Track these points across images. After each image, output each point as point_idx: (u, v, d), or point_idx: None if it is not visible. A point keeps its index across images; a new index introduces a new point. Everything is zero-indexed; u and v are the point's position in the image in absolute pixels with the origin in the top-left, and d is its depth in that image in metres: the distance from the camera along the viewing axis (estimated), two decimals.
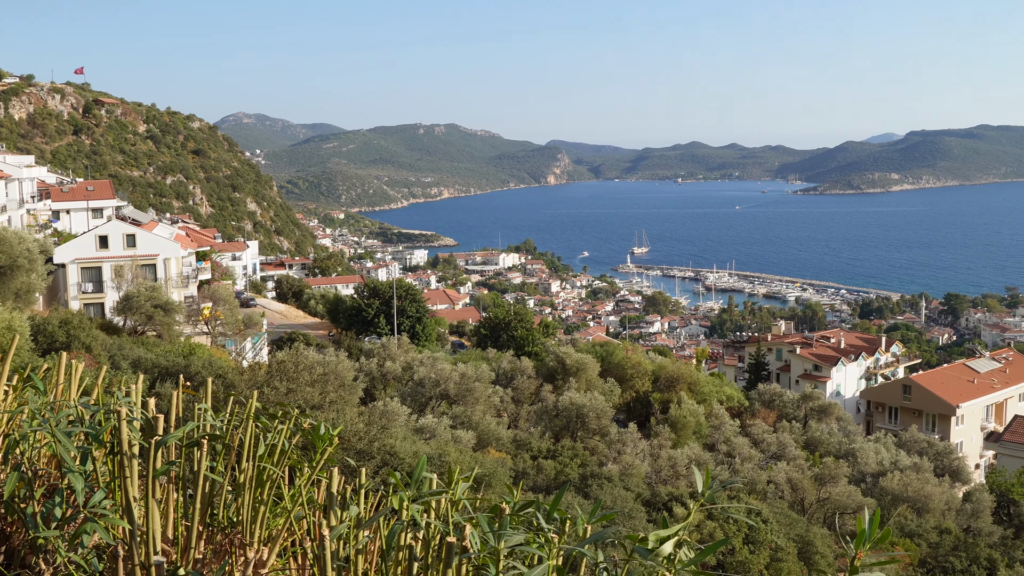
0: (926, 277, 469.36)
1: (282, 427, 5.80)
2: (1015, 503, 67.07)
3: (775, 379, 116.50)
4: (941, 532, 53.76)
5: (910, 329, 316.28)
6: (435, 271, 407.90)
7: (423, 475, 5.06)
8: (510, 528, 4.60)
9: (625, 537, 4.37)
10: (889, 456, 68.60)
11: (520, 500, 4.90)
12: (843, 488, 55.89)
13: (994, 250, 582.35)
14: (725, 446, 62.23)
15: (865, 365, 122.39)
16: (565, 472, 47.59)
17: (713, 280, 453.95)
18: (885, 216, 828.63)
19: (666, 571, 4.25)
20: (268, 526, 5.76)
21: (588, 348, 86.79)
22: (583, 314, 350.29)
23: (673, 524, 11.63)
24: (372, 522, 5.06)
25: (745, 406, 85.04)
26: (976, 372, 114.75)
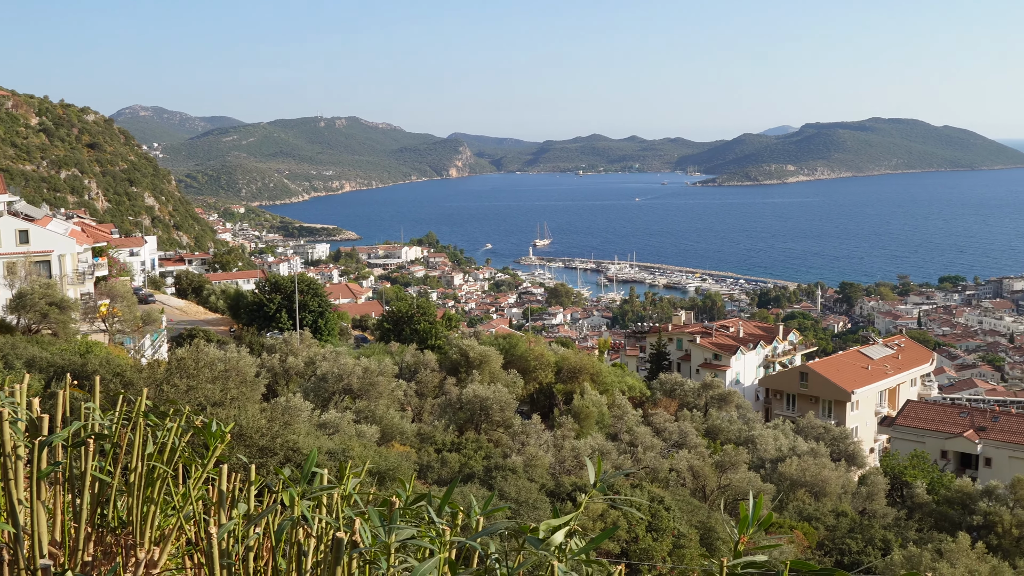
0: (821, 267, 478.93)
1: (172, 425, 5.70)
2: (908, 485, 68.81)
3: (676, 368, 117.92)
4: (838, 515, 54.94)
5: (807, 317, 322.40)
6: (337, 265, 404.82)
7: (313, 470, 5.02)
8: (402, 522, 4.58)
9: (517, 528, 4.39)
10: (787, 442, 69.89)
11: (412, 494, 4.89)
12: (743, 474, 56.79)
13: (886, 240, 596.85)
14: (628, 435, 62.81)
15: (763, 353, 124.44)
16: (469, 465, 47.61)
17: (615, 271, 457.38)
18: (782, 207, 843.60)
19: (556, 560, 4.27)
20: (160, 526, 5.66)
21: (491, 340, 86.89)
22: (486, 307, 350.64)
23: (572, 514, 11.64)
24: (260, 519, 5.00)
25: (647, 396, 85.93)
26: (870, 359, 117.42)
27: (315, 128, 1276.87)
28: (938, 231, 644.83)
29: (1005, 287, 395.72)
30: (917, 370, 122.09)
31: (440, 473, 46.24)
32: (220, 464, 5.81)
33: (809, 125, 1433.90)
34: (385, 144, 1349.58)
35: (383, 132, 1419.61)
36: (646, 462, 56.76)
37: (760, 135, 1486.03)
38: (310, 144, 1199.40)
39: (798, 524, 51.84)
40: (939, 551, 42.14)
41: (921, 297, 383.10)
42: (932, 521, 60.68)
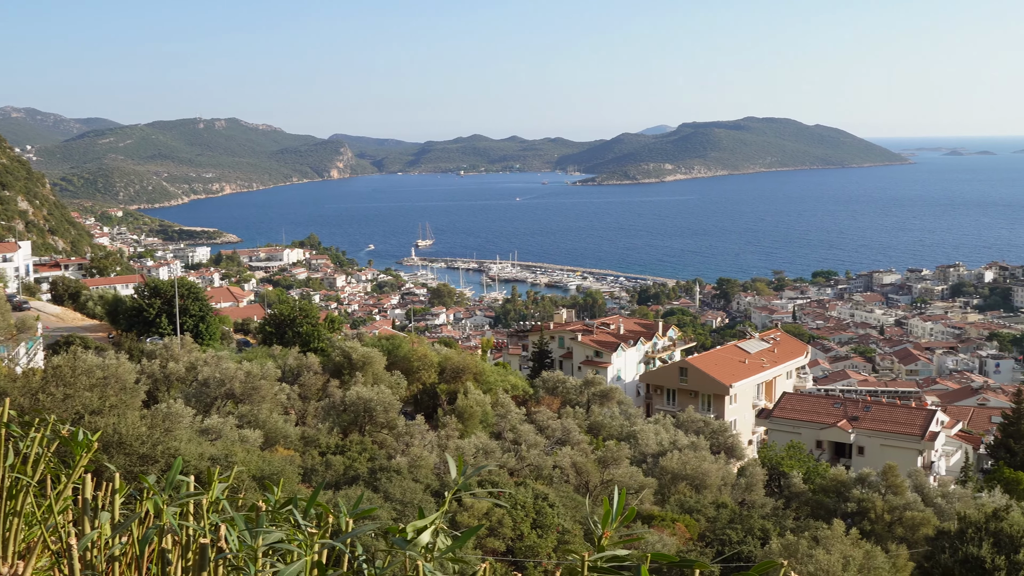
0: (699, 263, 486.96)
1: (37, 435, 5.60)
2: (785, 475, 70.46)
3: (558, 366, 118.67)
4: (718, 506, 55.95)
5: (685, 313, 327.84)
6: (218, 268, 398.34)
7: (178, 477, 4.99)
8: (269, 526, 4.59)
9: (386, 528, 4.43)
10: (668, 436, 70.89)
11: (281, 497, 4.90)
12: (626, 469, 57.49)
13: (761, 236, 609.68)
14: (511, 434, 63.08)
15: (644, 350, 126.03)
16: (354, 467, 47.34)
17: (497, 271, 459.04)
18: (660, 205, 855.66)
19: (423, 560, 4.32)
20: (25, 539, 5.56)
21: (374, 342, 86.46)
22: (369, 308, 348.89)
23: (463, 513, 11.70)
24: (123, 528, 4.96)
25: (530, 394, 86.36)
26: (747, 353, 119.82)
27: (194, 130, 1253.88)
28: (810, 227, 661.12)
29: (875, 281, 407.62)
30: (792, 363, 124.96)
31: (324, 476, 45.90)
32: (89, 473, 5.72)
33: (686, 124, 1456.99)
34: (266, 145, 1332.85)
35: (263, 133, 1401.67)
36: (530, 460, 57.06)
37: (638, 134, 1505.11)
38: (189, 146, 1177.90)
39: (680, 517, 52.65)
40: (815, 538, 43.18)
41: (795, 292, 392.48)
42: (808, 509, 62.19)
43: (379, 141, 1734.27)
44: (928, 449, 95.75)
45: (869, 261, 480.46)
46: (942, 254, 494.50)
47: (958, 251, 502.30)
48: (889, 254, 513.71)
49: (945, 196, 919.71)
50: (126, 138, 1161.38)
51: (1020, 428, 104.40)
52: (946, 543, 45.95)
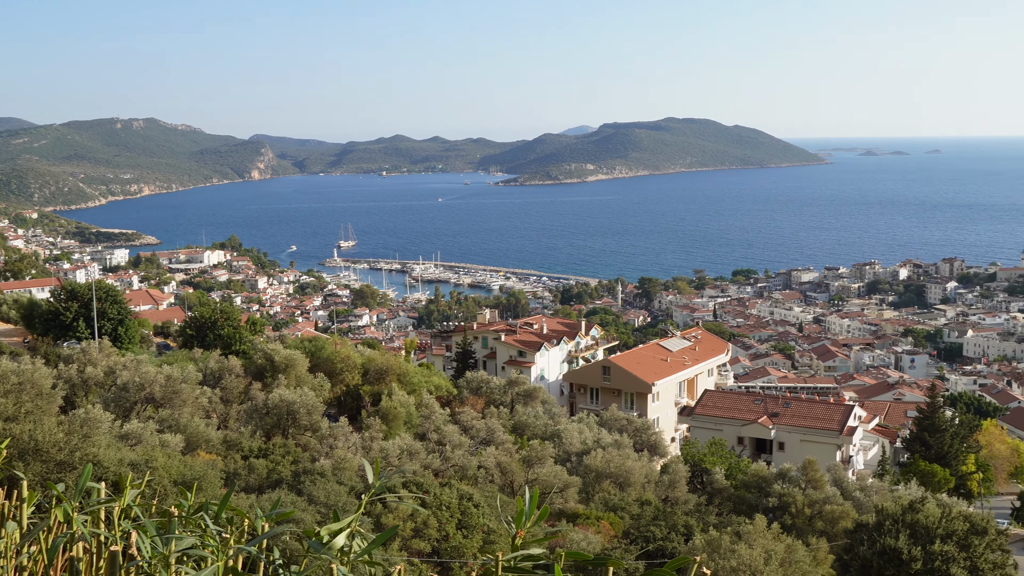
0: (621, 263, 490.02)
1: None
2: (707, 472, 71.13)
3: (482, 366, 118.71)
4: (642, 504, 56.34)
5: (608, 312, 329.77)
6: (137, 271, 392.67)
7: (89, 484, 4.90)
8: (182, 532, 4.53)
9: (303, 532, 4.39)
10: (592, 435, 71.22)
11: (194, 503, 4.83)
12: (550, 468, 57.65)
13: (681, 236, 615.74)
14: (436, 434, 62.93)
15: (567, 349, 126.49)
16: (277, 470, 46.91)
17: (420, 271, 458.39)
18: (582, 205, 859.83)
19: (339, 563, 4.29)
20: None
21: (297, 344, 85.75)
22: (291, 310, 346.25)
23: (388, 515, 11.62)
24: (31, 537, 4.85)
25: (454, 394, 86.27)
26: (669, 351, 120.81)
27: (111, 130, 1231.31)
28: (730, 226, 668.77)
29: (794, 279, 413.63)
30: (714, 361, 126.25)
31: (248, 480, 45.41)
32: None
33: (607, 125, 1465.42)
34: (185, 146, 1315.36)
35: (183, 134, 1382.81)
36: (454, 460, 56.99)
37: (560, 135, 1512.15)
38: (106, 146, 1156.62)
39: (604, 514, 52.92)
40: (738, 533, 43.62)
41: (716, 290, 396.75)
42: (731, 505, 62.91)
43: (300, 141, 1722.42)
44: (846, 444, 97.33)
45: (788, 260, 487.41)
46: (858, 252, 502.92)
47: (873, 249, 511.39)
48: (807, 252, 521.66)
49: (860, 195, 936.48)
50: (40, 138, 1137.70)
51: (934, 422, 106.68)
52: (864, 535, 46.76)
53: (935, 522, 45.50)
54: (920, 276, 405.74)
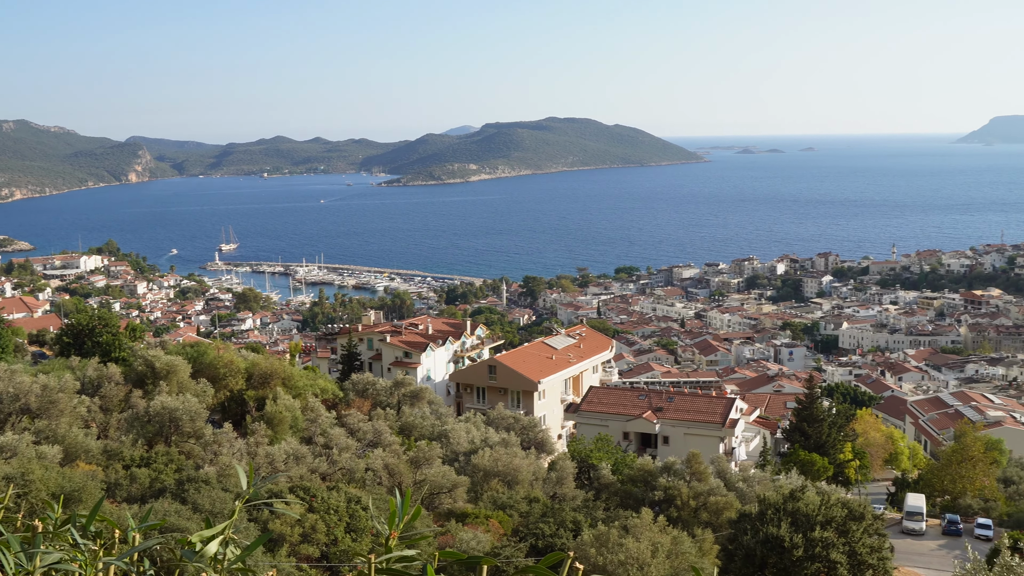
0: (505, 262, 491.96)
1: None
2: (594, 467, 71.75)
3: (368, 368, 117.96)
4: (530, 501, 56.56)
5: (493, 312, 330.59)
6: (10, 278, 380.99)
7: None
8: (50, 546, 4.37)
9: (177, 541, 4.27)
10: (479, 434, 71.32)
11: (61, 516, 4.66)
12: (438, 469, 57.56)
13: (564, 234, 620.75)
14: (322, 438, 62.36)
15: (453, 349, 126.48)
16: (161, 479, 45.98)
17: (303, 274, 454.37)
18: (465, 205, 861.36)
19: (212, 571, 4.19)
20: None
21: (178, 349, 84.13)
22: (172, 315, 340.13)
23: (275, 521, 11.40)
24: None
25: (340, 397, 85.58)
26: (554, 349, 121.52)
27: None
28: (612, 224, 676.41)
29: (675, 275, 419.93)
30: (598, 357, 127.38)
31: (130, 490, 44.44)
32: None
33: (489, 125, 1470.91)
34: (59, 149, 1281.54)
35: (56, 136, 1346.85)
36: (342, 463, 56.55)
37: (443, 135, 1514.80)
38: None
39: (493, 513, 53.03)
40: (625, 527, 44.06)
41: (600, 288, 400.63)
42: (618, 500, 63.55)
43: (179, 143, 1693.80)
44: (729, 436, 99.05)
45: (669, 256, 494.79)
46: (737, 248, 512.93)
47: (752, 245, 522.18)
48: (687, 249, 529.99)
49: (738, 193, 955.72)
50: None
51: (813, 412, 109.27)
52: (748, 525, 47.61)
53: (815, 510, 46.53)
54: (797, 271, 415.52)
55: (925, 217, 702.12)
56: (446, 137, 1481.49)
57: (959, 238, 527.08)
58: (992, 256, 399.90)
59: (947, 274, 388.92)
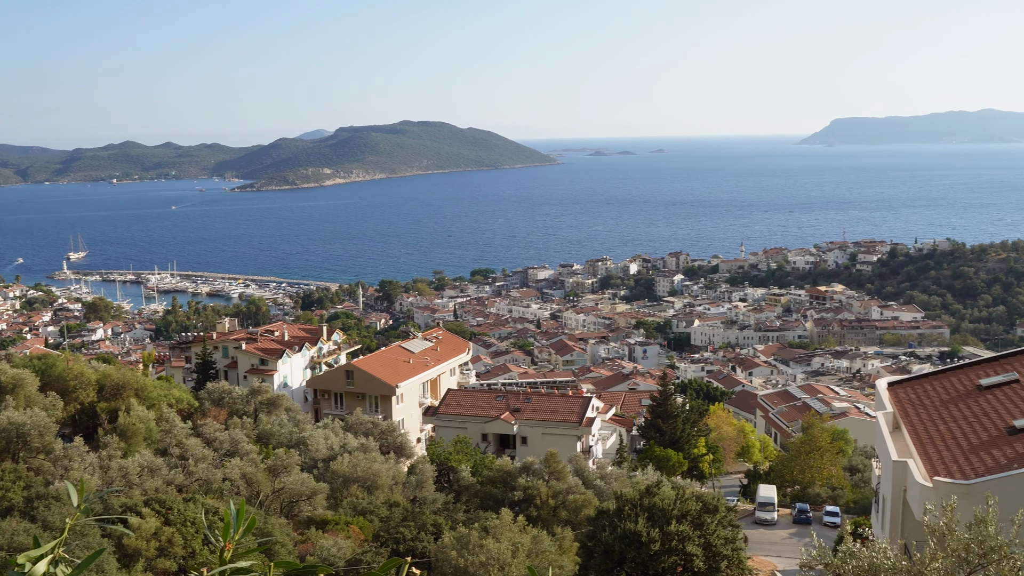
0: (361, 266, 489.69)
1: None
2: (453, 470, 72.17)
3: (224, 376, 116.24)
4: (391, 506, 56.68)
5: (350, 316, 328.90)
6: None
7: None
8: None
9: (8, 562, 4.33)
10: (338, 440, 71.07)
11: None
12: (296, 476, 57.23)
13: (420, 238, 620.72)
14: (178, 449, 61.39)
15: (309, 355, 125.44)
16: (8, 497, 44.78)
17: (155, 282, 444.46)
18: (320, 210, 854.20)
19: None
20: None
21: (25, 362, 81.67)
22: (19, 326, 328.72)
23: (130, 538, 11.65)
24: None
25: (195, 407, 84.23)
26: (411, 353, 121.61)
27: None
28: (467, 227, 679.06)
29: (530, 277, 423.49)
30: (455, 360, 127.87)
31: None
32: None
33: (343, 129, 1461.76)
34: None
35: None
36: (198, 474, 55.80)
37: (297, 139, 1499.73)
38: None
39: (354, 519, 53.02)
40: (485, 528, 44.56)
41: (456, 290, 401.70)
42: (478, 501, 64.11)
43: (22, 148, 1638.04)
44: (586, 434, 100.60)
45: (524, 258, 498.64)
46: (591, 249, 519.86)
47: (604, 246, 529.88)
48: (542, 251, 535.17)
49: (591, 194, 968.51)
50: None
51: (667, 409, 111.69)
52: (606, 522, 48.62)
53: (670, 504, 47.78)
54: (649, 270, 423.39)
55: (771, 216, 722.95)
56: (300, 141, 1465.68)
57: (804, 236, 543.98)
58: (835, 253, 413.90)
59: (793, 271, 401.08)
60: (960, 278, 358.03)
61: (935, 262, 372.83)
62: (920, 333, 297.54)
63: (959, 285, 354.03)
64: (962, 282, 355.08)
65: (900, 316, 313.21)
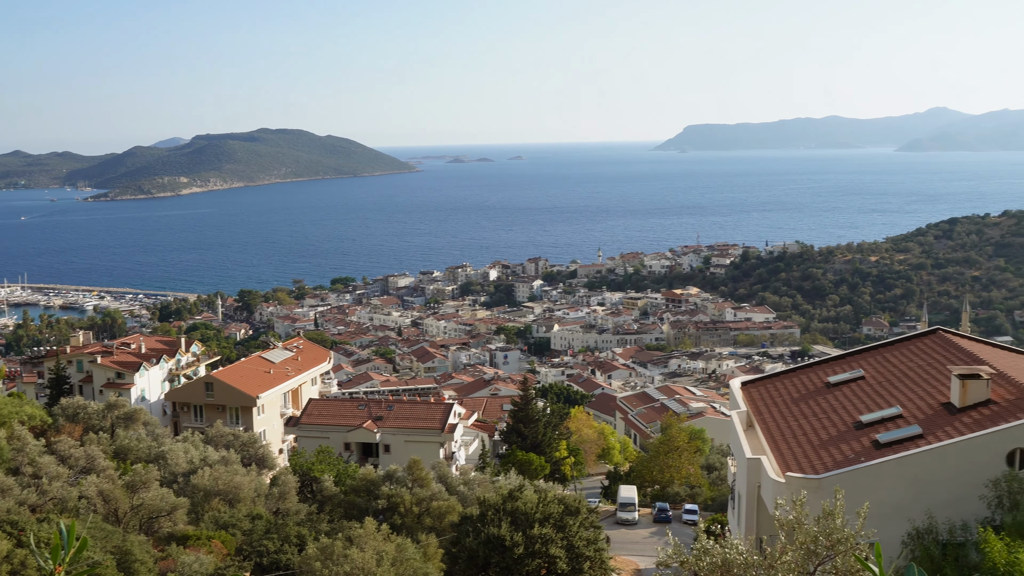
0: (220, 277, 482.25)
1: None
2: (316, 480, 71.87)
3: (79, 391, 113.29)
4: (253, 518, 56.20)
5: (209, 328, 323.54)
6: None
7: None
8: None
9: None
10: (198, 453, 70.14)
11: None
12: (156, 491, 56.34)
13: (278, 247, 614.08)
14: (31, 467, 59.86)
15: (168, 367, 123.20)
16: None
17: (5, 295, 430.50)
18: (177, 219, 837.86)
19: None
20: None
21: None
22: None
23: None
24: None
25: (49, 423, 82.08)
26: (272, 363, 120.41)
27: None
28: (326, 235, 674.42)
29: (390, 284, 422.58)
30: (317, 369, 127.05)
31: None
32: None
33: (200, 137, 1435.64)
34: None
35: None
36: (52, 493, 54.52)
37: (152, 147, 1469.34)
38: None
39: (216, 533, 52.45)
40: (349, 538, 44.61)
41: (316, 299, 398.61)
42: (342, 511, 63.99)
43: None
44: (448, 441, 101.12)
45: (384, 266, 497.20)
46: (450, 256, 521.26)
47: (464, 253, 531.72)
48: (402, 258, 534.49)
49: (450, 201, 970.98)
50: None
51: (528, 413, 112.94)
52: (470, 527, 49.17)
53: (533, 508, 48.58)
54: (509, 276, 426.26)
55: (627, 221, 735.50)
56: (155, 150, 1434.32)
57: (659, 240, 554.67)
58: (689, 257, 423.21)
59: (649, 275, 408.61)
60: (809, 279, 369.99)
61: (785, 264, 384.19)
62: (772, 333, 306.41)
63: (808, 286, 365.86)
64: (811, 283, 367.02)
65: (753, 317, 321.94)
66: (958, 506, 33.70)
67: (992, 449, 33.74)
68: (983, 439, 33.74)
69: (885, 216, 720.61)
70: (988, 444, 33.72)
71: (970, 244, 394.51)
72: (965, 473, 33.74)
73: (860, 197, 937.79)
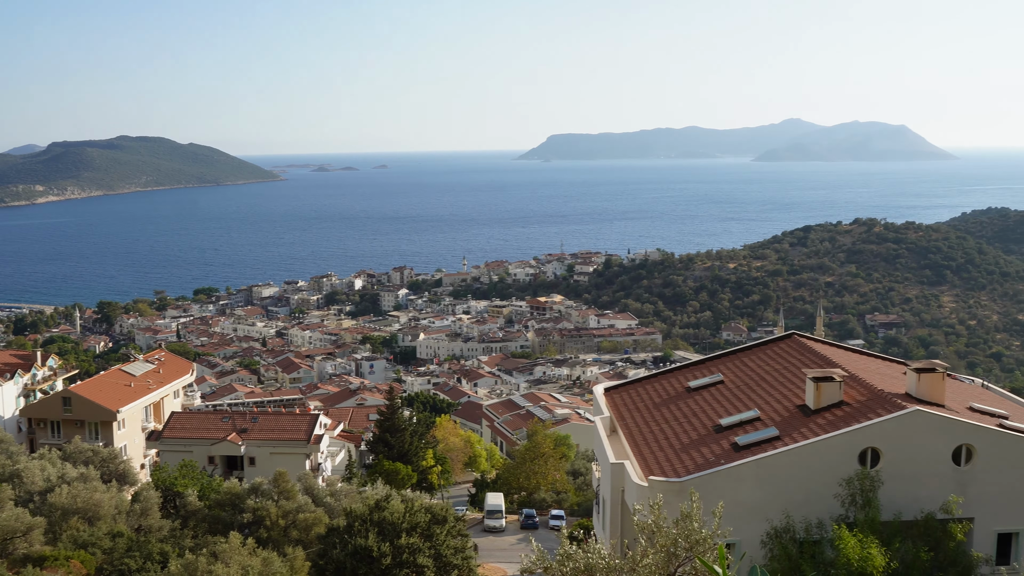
0: (78, 288, 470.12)
1: None
2: (180, 495, 70.71)
3: None
4: (114, 536, 55.10)
5: (67, 340, 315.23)
6: None
7: None
8: None
9: None
10: (56, 471, 68.46)
11: None
12: (10, 511, 54.88)
13: (139, 257, 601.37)
14: None
15: (23, 382, 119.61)
16: None
17: None
18: (32, 229, 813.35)
19: None
20: None
21: None
22: None
23: None
24: None
25: None
26: (133, 376, 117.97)
27: None
28: (188, 245, 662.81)
29: (255, 294, 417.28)
30: (179, 382, 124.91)
31: None
32: None
33: (57, 144, 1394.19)
34: None
35: None
36: None
37: (5, 155, 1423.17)
38: None
39: (75, 553, 51.32)
40: (214, 554, 44.16)
41: (179, 311, 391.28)
42: (206, 526, 63.09)
43: None
44: (315, 452, 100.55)
45: (247, 276, 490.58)
46: (315, 266, 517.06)
47: (329, 262, 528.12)
48: (265, 268, 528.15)
49: (314, 211, 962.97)
50: None
51: (394, 423, 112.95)
52: (337, 539, 49.17)
53: (400, 517, 48.82)
54: (374, 285, 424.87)
55: (491, 230, 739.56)
56: (9, 157, 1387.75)
57: (523, 249, 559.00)
58: (553, 265, 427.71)
59: (514, 283, 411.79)
60: (670, 286, 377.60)
61: (647, 271, 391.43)
62: (635, 339, 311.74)
63: (669, 293, 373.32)
64: (672, 290, 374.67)
65: (616, 324, 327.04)
66: (814, 505, 35.10)
67: (845, 449, 35.25)
68: (836, 439, 35.23)
69: (742, 224, 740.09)
70: (841, 444, 35.22)
71: (824, 251, 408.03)
72: (820, 472, 35.17)
73: (718, 205, 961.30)
